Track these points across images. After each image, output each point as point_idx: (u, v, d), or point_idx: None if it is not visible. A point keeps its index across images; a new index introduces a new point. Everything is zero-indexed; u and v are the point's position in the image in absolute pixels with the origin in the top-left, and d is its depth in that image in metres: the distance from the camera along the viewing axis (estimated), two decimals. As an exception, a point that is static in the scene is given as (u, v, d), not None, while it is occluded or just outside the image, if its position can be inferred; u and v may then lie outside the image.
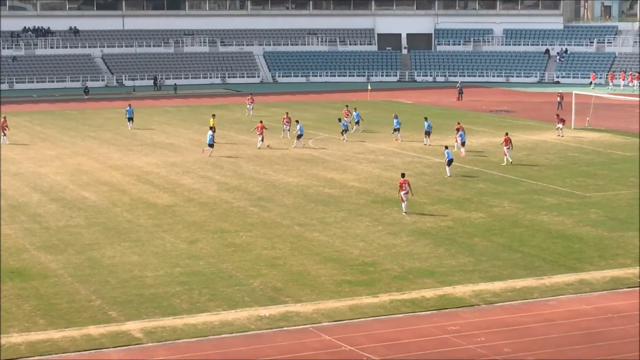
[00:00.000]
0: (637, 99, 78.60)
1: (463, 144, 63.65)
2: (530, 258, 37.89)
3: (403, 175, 47.04)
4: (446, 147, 57.61)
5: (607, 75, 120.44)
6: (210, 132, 64.66)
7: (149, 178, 55.69)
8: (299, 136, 68.36)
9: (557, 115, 74.73)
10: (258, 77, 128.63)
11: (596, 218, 44.87)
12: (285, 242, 40.48)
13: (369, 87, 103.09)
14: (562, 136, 71.74)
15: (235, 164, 60.31)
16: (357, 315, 31.01)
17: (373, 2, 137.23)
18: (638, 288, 33.84)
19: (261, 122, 68.82)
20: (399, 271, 36.00)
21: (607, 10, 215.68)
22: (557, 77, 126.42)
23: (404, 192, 45.61)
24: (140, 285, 34.24)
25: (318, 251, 38.91)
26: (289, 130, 71.57)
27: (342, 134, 70.74)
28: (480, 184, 53.37)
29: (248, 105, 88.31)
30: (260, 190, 51.96)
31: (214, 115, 73.29)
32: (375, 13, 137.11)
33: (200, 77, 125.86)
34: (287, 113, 74.19)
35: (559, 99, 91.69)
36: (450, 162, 55.68)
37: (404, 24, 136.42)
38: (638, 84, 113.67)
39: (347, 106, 78.80)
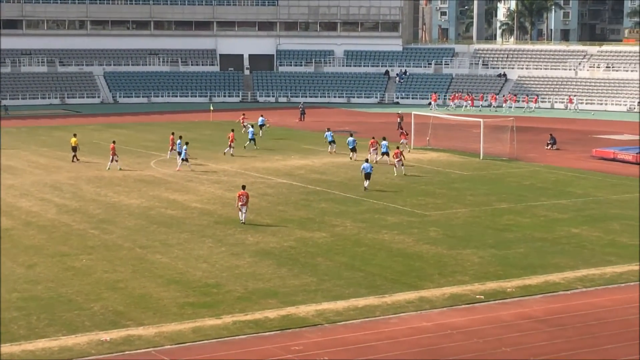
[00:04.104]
0: (474, 119, 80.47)
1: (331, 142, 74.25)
2: (372, 277, 38.32)
3: (244, 187, 48.45)
4: (366, 160, 59.28)
5: (446, 96, 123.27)
6: (185, 147, 65.05)
7: (-15, 201, 54.14)
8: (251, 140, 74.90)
9: (402, 129, 77.04)
10: (98, 97, 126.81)
11: (435, 236, 45.75)
12: (126, 264, 39.88)
13: (211, 108, 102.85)
14: (409, 151, 73.56)
15: (75, 186, 59.18)
16: (200, 338, 30.74)
17: (215, 23, 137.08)
18: (480, 304, 34.68)
19: (114, 142, 67.59)
20: (242, 292, 35.90)
21: (444, 33, 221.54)
22: (397, 97, 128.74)
23: (241, 203, 46.95)
24: (-25, 311, 33.20)
25: (160, 273, 38.48)
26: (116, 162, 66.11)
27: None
28: (323, 204, 53.77)
29: (244, 123, 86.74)
30: (101, 212, 51.12)
31: (75, 134, 71.72)
32: (217, 34, 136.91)
33: (38, 98, 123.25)
34: (113, 141, 68.45)
35: (398, 119, 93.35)
36: (368, 175, 57.36)
37: (246, 45, 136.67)
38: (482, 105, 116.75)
39: (173, 133, 73.36)
